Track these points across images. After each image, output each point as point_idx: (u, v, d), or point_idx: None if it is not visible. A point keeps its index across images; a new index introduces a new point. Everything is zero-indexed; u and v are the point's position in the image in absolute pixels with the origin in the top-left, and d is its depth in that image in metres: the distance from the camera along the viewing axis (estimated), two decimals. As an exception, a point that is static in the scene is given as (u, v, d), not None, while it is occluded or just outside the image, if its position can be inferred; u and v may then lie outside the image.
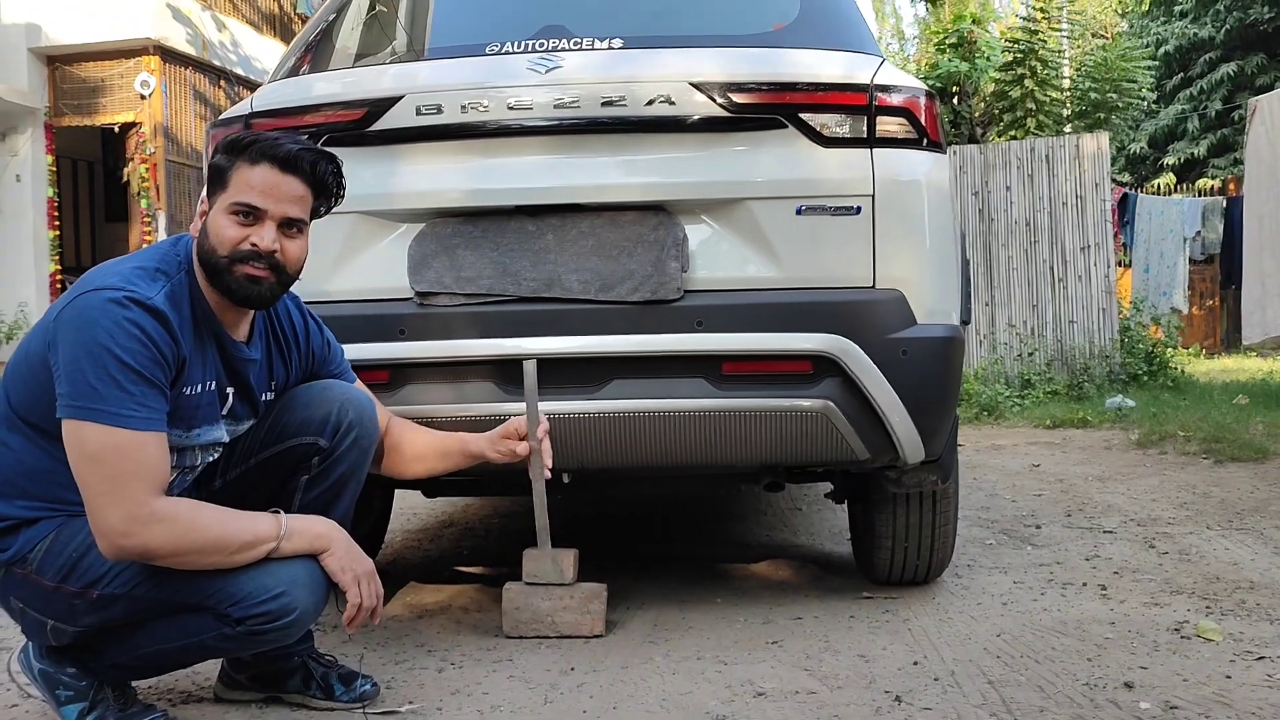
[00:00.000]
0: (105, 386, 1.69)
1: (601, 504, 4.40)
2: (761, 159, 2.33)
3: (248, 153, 1.86)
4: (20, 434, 1.82)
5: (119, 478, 1.70)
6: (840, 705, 2.00)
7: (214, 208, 1.88)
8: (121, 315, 1.71)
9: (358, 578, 1.88)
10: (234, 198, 1.85)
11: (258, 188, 1.85)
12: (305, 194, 1.91)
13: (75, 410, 1.70)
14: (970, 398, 7.43)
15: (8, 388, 1.85)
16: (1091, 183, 8.32)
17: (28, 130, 10.99)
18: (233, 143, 1.89)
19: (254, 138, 1.88)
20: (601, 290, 2.30)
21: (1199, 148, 19.50)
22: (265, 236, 1.85)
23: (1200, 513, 3.84)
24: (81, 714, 1.87)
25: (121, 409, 1.70)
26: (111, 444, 1.69)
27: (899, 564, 2.77)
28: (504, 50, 2.45)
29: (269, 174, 1.86)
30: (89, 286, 1.76)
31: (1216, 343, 14.85)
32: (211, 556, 1.77)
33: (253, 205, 1.85)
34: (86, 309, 1.72)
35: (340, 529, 1.92)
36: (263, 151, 1.86)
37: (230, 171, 1.87)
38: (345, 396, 2.06)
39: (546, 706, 2.02)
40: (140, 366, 1.71)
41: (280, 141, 1.89)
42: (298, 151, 1.88)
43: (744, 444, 2.34)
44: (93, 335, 1.70)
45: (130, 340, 1.71)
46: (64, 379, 1.71)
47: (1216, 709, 1.94)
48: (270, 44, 12.95)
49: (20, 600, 1.85)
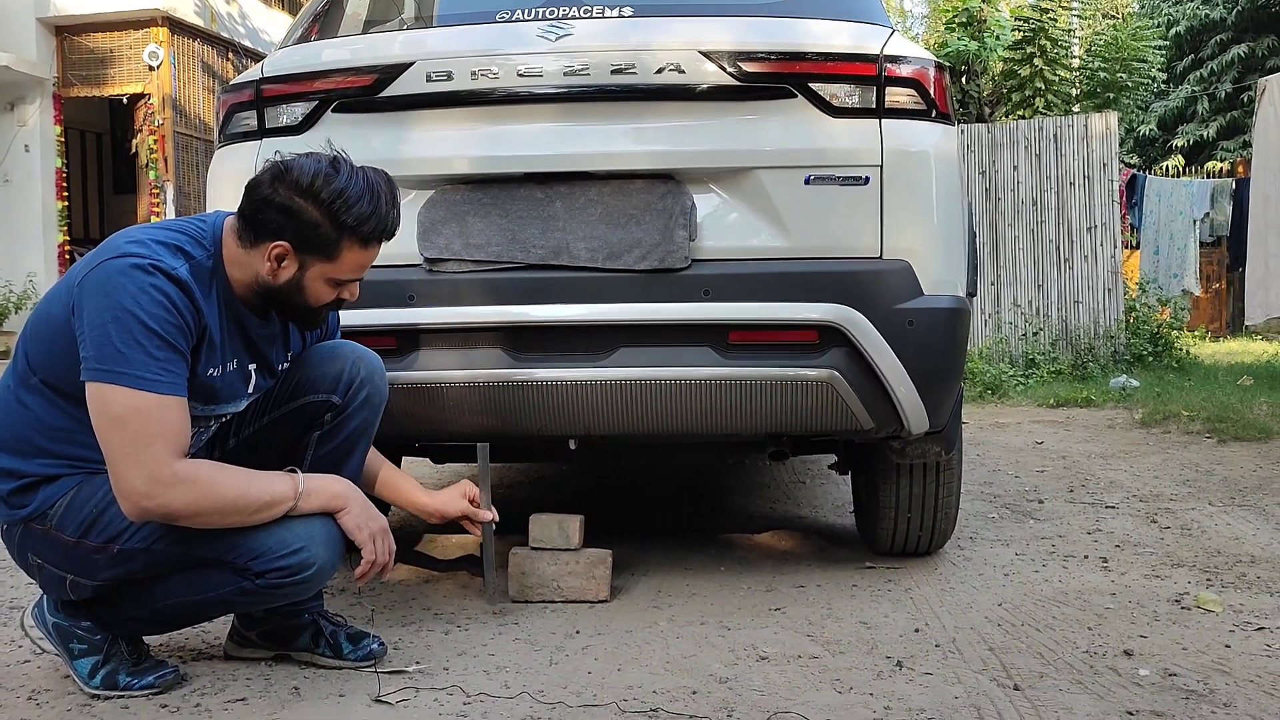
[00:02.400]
0: (131, 350, 1.71)
1: (607, 475, 4.42)
2: (770, 128, 2.34)
3: (359, 233, 1.85)
4: (39, 394, 1.84)
5: (142, 440, 1.72)
6: (842, 669, 2.03)
7: (310, 270, 1.88)
8: (147, 281, 1.74)
9: (373, 535, 1.93)
10: (343, 274, 1.90)
11: (366, 265, 1.92)
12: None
13: (100, 373, 1.72)
14: (974, 376, 7.43)
15: (27, 350, 1.87)
16: (1099, 163, 8.29)
17: (36, 100, 11.01)
18: (341, 216, 1.83)
19: (369, 216, 1.85)
20: (609, 258, 2.31)
21: (1208, 130, 19.42)
22: (353, 292, 1.95)
23: (1203, 490, 3.86)
24: (95, 668, 1.90)
25: (146, 372, 1.72)
26: (136, 407, 1.72)
27: (902, 535, 2.79)
28: (514, 17, 2.45)
29: (374, 253, 1.92)
30: (113, 253, 1.77)
31: (1223, 325, 14.83)
32: (231, 517, 1.80)
33: (357, 279, 1.94)
34: (113, 274, 1.74)
35: (355, 488, 1.96)
36: (374, 232, 1.87)
37: (339, 247, 1.86)
38: (357, 355, 2.09)
39: (552, 668, 2.05)
40: (165, 332, 1.74)
41: (387, 217, 1.88)
42: (396, 219, 1.92)
43: (749, 413, 2.35)
44: (118, 300, 1.72)
45: (155, 306, 1.73)
46: (89, 342, 1.73)
47: (1215, 676, 1.96)
48: (278, 16, 12.93)
49: (39, 556, 1.88)
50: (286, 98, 2.44)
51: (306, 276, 1.88)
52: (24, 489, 1.85)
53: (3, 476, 1.86)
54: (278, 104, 2.44)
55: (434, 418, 2.40)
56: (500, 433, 2.46)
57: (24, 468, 1.85)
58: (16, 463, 1.85)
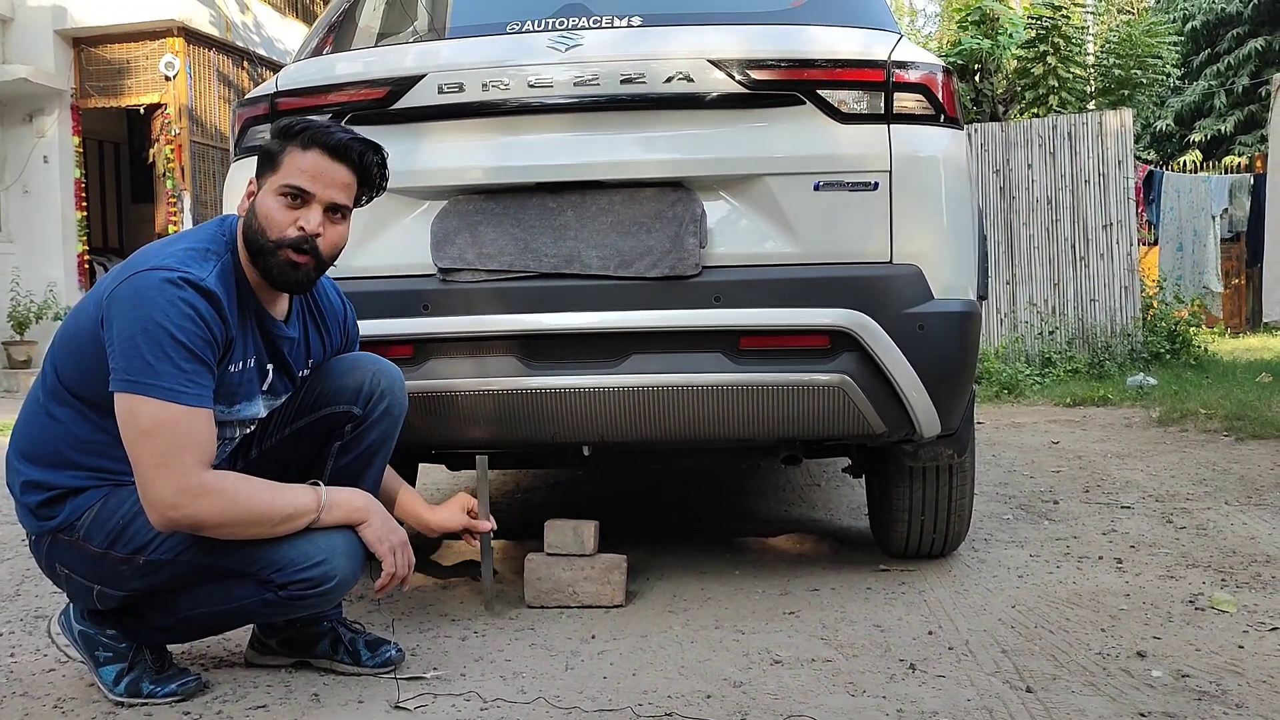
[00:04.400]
0: (160, 363, 1.75)
1: (622, 480, 4.44)
2: (779, 135, 2.35)
3: (300, 138, 1.92)
4: (69, 407, 1.89)
5: (170, 452, 1.76)
6: (856, 673, 2.04)
7: (263, 189, 1.94)
8: (176, 295, 1.77)
9: (393, 548, 1.96)
10: (284, 180, 1.91)
11: (308, 171, 1.91)
12: (351, 182, 1.96)
13: (130, 385, 1.76)
14: (990, 376, 7.42)
15: (56, 362, 1.91)
16: (1114, 160, 8.26)
17: (54, 112, 11.09)
18: (286, 128, 1.95)
19: (307, 124, 1.95)
20: (621, 266, 2.34)
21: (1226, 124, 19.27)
22: (311, 219, 1.92)
23: (1219, 489, 3.85)
24: (119, 675, 1.94)
25: (175, 384, 1.76)
26: (166, 419, 1.76)
27: (915, 537, 2.80)
28: (524, 29, 2.48)
29: (319, 160, 1.92)
30: (143, 266, 1.81)
31: (1242, 321, 14.71)
32: (255, 528, 1.84)
33: (302, 188, 1.91)
34: (143, 288, 1.78)
35: (376, 501, 1.99)
36: (314, 138, 1.92)
37: (282, 155, 1.93)
38: (377, 367, 2.13)
39: (567, 673, 2.07)
40: (193, 345, 1.78)
41: (332, 130, 1.95)
42: (348, 140, 1.94)
43: (761, 418, 2.37)
44: (148, 313, 1.76)
45: (184, 320, 1.77)
46: (118, 354, 1.77)
47: (1228, 677, 1.97)
48: (293, 25, 13.00)
49: (66, 567, 1.92)
50: (300, 111, 2.47)
51: (259, 197, 1.93)
52: (52, 500, 1.89)
53: (31, 489, 1.90)
54: (292, 117, 2.47)
55: (448, 425, 2.43)
56: (514, 440, 2.49)
57: (53, 479, 1.89)
58: (46, 474, 1.89)
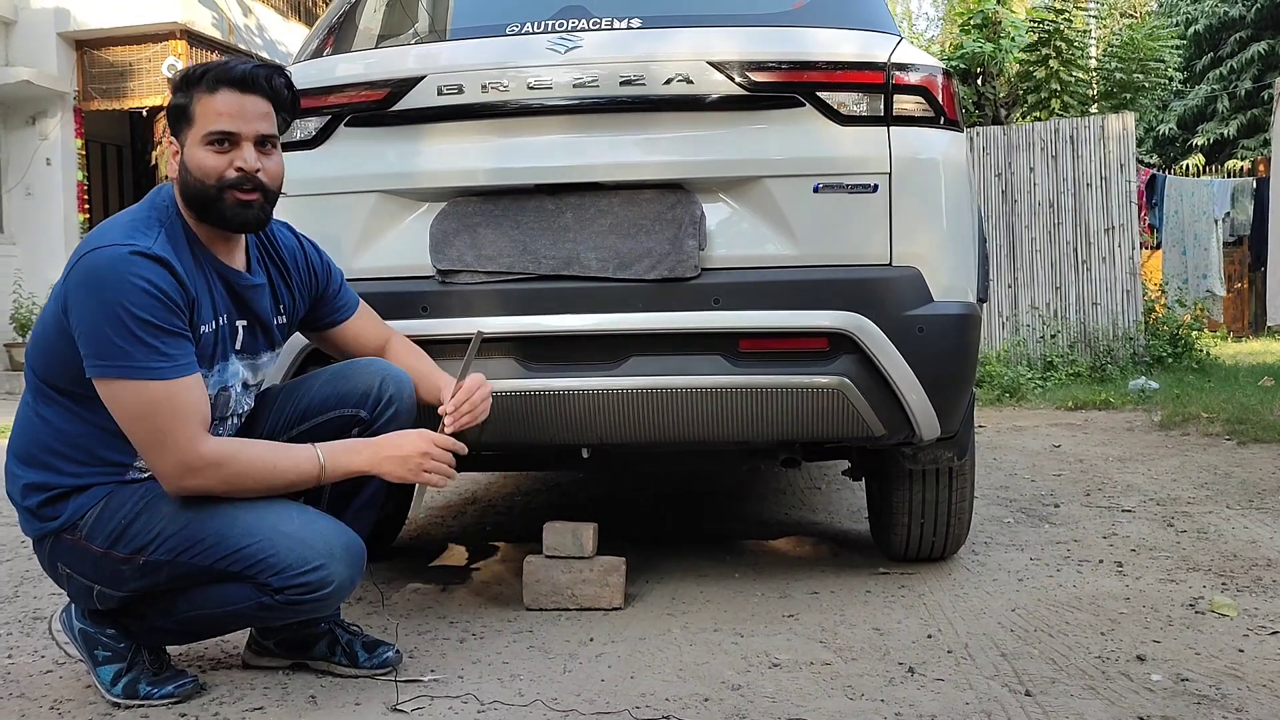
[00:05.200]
0: (128, 343, 1.76)
1: (621, 481, 4.44)
2: (779, 137, 2.35)
3: (203, 83, 1.89)
4: (54, 404, 1.89)
5: (160, 430, 1.79)
6: (854, 676, 2.04)
7: (187, 145, 1.91)
8: (127, 271, 1.77)
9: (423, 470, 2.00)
10: (206, 128, 1.88)
11: (226, 113, 1.88)
12: (269, 110, 1.94)
13: (104, 369, 1.77)
14: (992, 379, 7.42)
15: (32, 362, 1.92)
16: (1116, 163, 8.26)
17: (57, 114, 11.12)
18: (185, 79, 1.91)
19: (204, 69, 1.91)
20: (620, 268, 2.33)
21: (1229, 128, 19.28)
22: (248, 158, 1.89)
23: (1220, 493, 3.84)
24: (117, 675, 1.94)
25: (148, 362, 1.77)
26: (146, 399, 1.77)
27: (915, 540, 2.80)
28: (524, 30, 2.47)
29: (231, 97, 1.89)
30: (91, 246, 1.81)
31: (1245, 325, 14.70)
32: (262, 491, 1.89)
33: (226, 131, 1.88)
34: (94, 269, 1.78)
35: (379, 444, 1.99)
36: (218, 78, 1.89)
37: (192, 106, 1.90)
38: (387, 372, 2.13)
39: (565, 676, 2.07)
40: (156, 318, 1.78)
41: (230, 65, 1.92)
42: (252, 70, 1.92)
43: (761, 420, 2.36)
44: (104, 295, 1.76)
45: (141, 295, 1.76)
46: (86, 339, 1.78)
47: (1228, 681, 1.96)
48: (295, 28, 13.02)
49: (68, 566, 1.92)
50: (300, 113, 2.46)
51: (186, 153, 1.90)
52: (53, 499, 1.89)
53: (32, 491, 1.91)
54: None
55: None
56: (513, 442, 2.48)
57: (51, 480, 1.89)
58: (44, 475, 1.90)
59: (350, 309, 2.25)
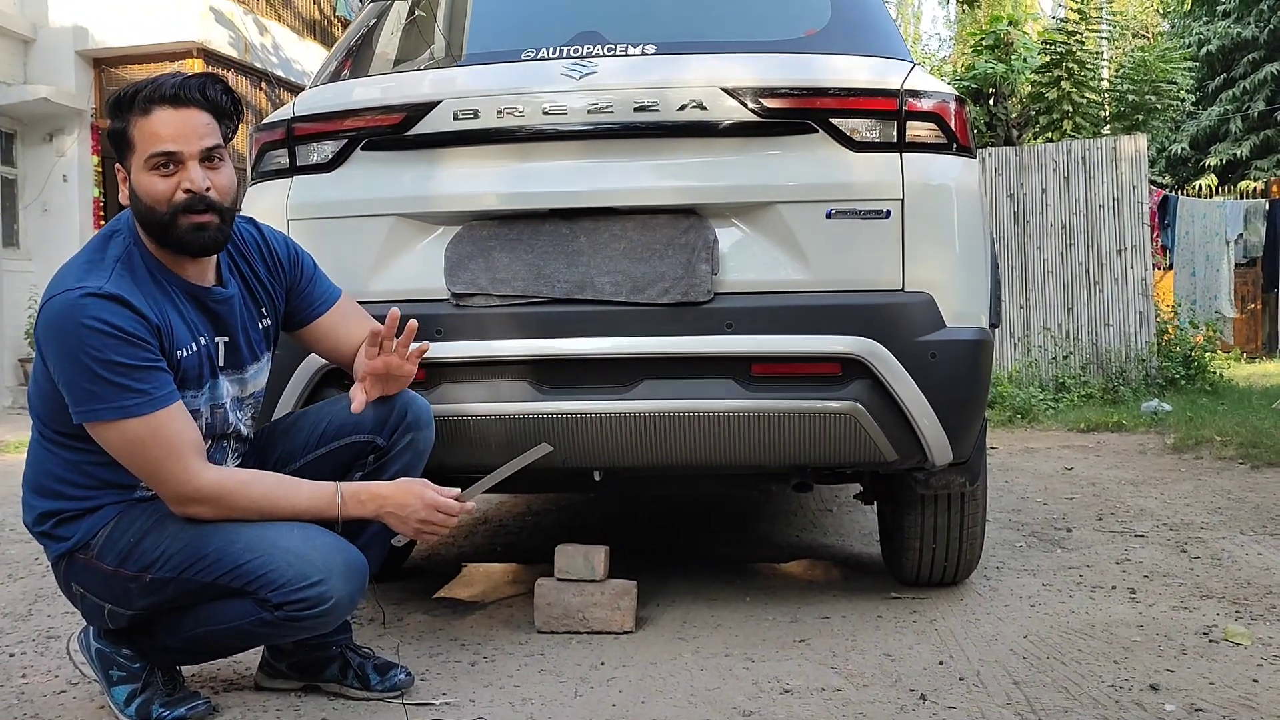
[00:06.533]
0: (97, 386, 1.78)
1: (632, 504, 4.44)
2: (792, 163, 2.36)
3: (136, 105, 1.85)
4: (57, 443, 1.93)
5: (151, 464, 1.82)
6: (865, 703, 2.03)
7: (133, 171, 1.87)
8: (81, 315, 1.76)
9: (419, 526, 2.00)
10: (147, 151, 1.84)
11: (164, 134, 1.83)
12: (209, 121, 1.88)
13: (83, 414, 1.81)
14: (1004, 400, 7.40)
15: (34, 407, 1.96)
16: (1129, 185, 8.25)
17: (74, 132, 11.20)
18: (116, 103, 1.87)
19: (134, 89, 1.85)
20: (633, 292, 2.34)
21: (1241, 149, 19.24)
22: (194, 177, 1.85)
23: (1234, 518, 3.82)
24: (130, 696, 1.95)
25: (121, 401, 1.78)
26: (130, 436, 1.80)
27: (927, 565, 2.79)
28: (539, 56, 2.49)
29: (167, 115, 1.83)
30: (48, 295, 1.82)
31: (1258, 346, 14.65)
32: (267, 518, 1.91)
33: (168, 151, 1.83)
34: (52, 318, 1.80)
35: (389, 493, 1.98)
36: (150, 97, 1.84)
37: (130, 130, 1.86)
38: (407, 400, 2.15)
39: (576, 700, 2.07)
40: (121, 357, 1.78)
41: (161, 82, 1.86)
42: (182, 83, 1.86)
43: (773, 444, 2.37)
44: (65, 343, 1.78)
45: (97, 336, 1.77)
46: (63, 388, 1.82)
47: (1242, 712, 1.95)
48: (311, 47, 13.11)
49: (81, 585, 1.95)
50: (316, 136, 2.49)
51: (133, 180, 1.87)
52: (66, 520, 1.92)
53: (46, 518, 1.94)
54: (308, 142, 2.49)
55: (460, 449, 2.43)
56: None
57: (64, 506, 1.93)
58: (56, 504, 1.93)
59: (328, 302, 2.19)
